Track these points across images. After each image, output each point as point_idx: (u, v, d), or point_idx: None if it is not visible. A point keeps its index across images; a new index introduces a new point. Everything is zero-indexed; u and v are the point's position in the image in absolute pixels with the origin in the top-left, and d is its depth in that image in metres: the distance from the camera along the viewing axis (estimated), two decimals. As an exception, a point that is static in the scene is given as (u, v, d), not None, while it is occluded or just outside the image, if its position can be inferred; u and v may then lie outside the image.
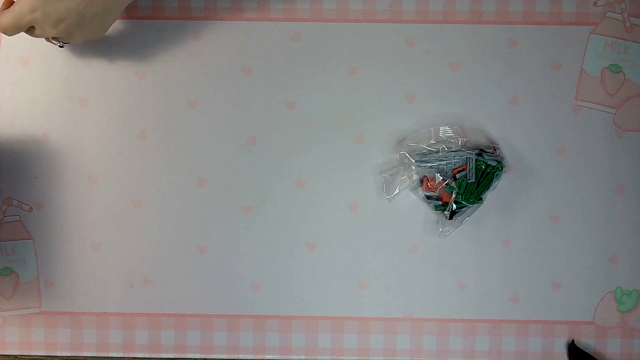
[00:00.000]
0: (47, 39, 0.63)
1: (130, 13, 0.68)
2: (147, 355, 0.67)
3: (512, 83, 0.67)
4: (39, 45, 0.67)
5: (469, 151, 0.65)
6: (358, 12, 0.68)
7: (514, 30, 0.67)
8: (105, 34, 0.67)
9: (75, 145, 0.67)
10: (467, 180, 0.64)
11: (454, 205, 0.64)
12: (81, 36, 0.61)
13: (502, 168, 0.65)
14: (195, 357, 0.67)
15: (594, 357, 0.65)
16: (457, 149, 0.66)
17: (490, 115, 0.67)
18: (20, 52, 0.68)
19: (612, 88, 0.67)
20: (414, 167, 0.66)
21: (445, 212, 0.65)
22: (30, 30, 0.60)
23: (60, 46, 0.63)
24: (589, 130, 0.67)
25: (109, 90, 0.68)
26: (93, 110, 0.68)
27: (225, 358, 0.67)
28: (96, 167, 0.67)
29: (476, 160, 0.64)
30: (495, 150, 0.66)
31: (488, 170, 0.64)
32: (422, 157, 0.65)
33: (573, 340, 0.67)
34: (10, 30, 0.59)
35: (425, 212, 0.67)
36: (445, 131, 0.66)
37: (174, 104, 0.68)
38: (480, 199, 0.64)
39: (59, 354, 0.67)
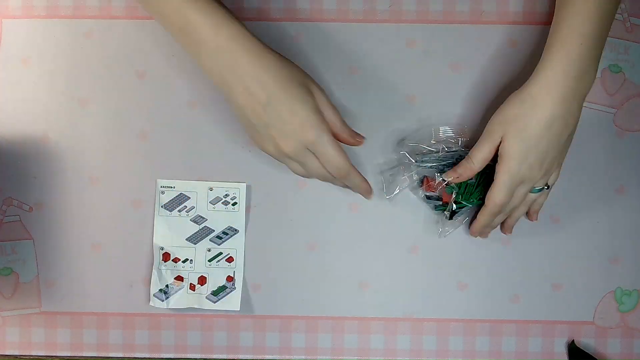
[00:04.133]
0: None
1: (129, 13, 0.68)
2: (147, 355, 0.67)
3: (512, 83, 0.67)
4: (39, 45, 0.67)
5: (468, 151, 0.65)
6: (358, 12, 0.68)
7: (514, 30, 0.67)
8: (105, 34, 0.67)
9: (75, 145, 0.67)
10: (467, 180, 0.64)
11: (454, 205, 0.64)
12: (557, 169, 0.61)
13: None
14: (195, 357, 0.67)
15: (594, 357, 0.65)
16: (457, 148, 0.65)
17: (490, 116, 0.67)
18: (20, 52, 0.68)
19: (612, 88, 0.67)
20: (413, 167, 0.66)
21: (445, 212, 0.65)
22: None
23: (547, 188, 0.62)
24: (589, 130, 0.67)
25: (109, 90, 0.68)
26: (93, 110, 0.68)
27: (225, 358, 0.67)
28: (96, 167, 0.67)
29: None
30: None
31: (488, 170, 0.64)
32: (422, 157, 0.65)
33: (573, 341, 0.67)
34: (506, 203, 0.60)
35: (425, 212, 0.67)
36: (445, 131, 0.66)
37: (174, 104, 0.68)
38: (481, 199, 0.64)
39: (59, 354, 0.67)
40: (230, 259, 0.67)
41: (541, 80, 0.57)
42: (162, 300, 0.66)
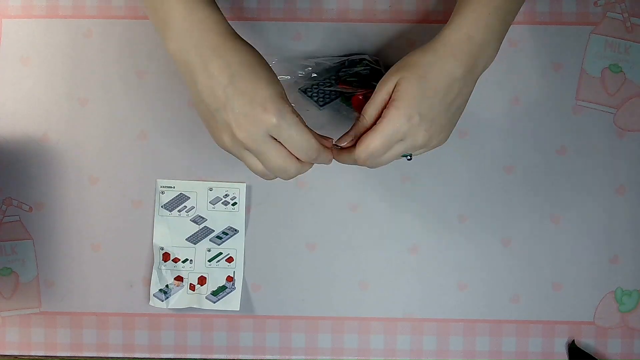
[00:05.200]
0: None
1: (129, 13, 0.68)
2: (147, 356, 0.67)
3: (512, 83, 0.67)
4: (39, 45, 0.67)
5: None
6: (358, 12, 0.68)
7: (514, 30, 0.67)
8: (105, 34, 0.67)
9: (75, 145, 0.67)
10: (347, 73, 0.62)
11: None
12: (439, 140, 0.54)
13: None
14: (195, 357, 0.67)
15: (594, 358, 0.65)
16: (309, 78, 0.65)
17: (490, 115, 0.67)
18: (20, 52, 0.68)
19: (612, 88, 0.67)
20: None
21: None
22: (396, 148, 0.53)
23: (408, 159, 0.55)
24: (589, 130, 0.67)
25: (109, 90, 0.68)
26: (93, 110, 0.68)
27: (225, 358, 0.67)
28: (96, 167, 0.67)
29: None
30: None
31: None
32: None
33: (573, 341, 0.67)
34: (378, 156, 0.52)
35: (425, 212, 0.67)
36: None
37: (174, 104, 0.68)
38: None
39: (58, 354, 0.67)
40: (230, 259, 0.67)
41: (446, 39, 0.53)
42: (162, 300, 0.66)
